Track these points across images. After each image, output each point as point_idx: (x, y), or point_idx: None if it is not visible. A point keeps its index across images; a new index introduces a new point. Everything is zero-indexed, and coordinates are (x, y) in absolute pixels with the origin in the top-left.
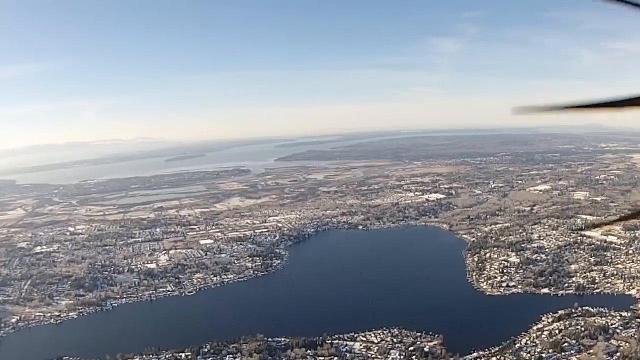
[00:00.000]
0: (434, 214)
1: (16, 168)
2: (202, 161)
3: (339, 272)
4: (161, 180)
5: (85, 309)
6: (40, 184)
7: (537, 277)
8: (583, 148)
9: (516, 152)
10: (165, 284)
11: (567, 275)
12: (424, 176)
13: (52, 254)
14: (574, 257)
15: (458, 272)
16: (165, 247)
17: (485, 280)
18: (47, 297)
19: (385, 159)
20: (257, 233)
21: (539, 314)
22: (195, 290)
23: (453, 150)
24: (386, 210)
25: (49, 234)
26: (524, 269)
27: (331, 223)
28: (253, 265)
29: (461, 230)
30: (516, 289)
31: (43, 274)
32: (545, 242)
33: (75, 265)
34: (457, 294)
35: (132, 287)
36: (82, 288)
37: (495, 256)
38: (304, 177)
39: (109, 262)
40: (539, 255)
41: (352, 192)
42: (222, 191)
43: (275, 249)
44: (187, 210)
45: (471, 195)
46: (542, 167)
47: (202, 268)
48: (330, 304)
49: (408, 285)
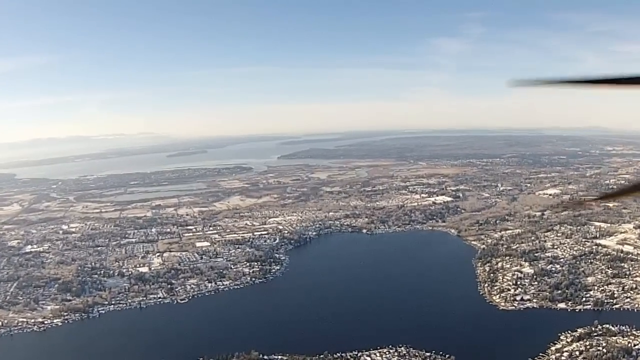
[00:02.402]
0: (441, 218)
1: (17, 162)
2: (204, 158)
3: (341, 281)
4: (161, 177)
5: (71, 316)
6: (39, 179)
7: (553, 291)
8: (589, 151)
9: (522, 153)
10: (157, 290)
11: (584, 289)
12: (430, 177)
13: (41, 254)
14: (590, 268)
15: (469, 283)
16: (160, 249)
17: (498, 293)
18: (33, 302)
19: (390, 158)
20: (256, 236)
21: (557, 332)
22: (187, 297)
23: (458, 151)
24: (391, 213)
25: (41, 232)
26: (538, 280)
27: (334, 226)
28: (251, 271)
29: (470, 236)
30: (531, 303)
31: (30, 275)
32: (560, 252)
33: (64, 267)
34: (469, 308)
35: (122, 292)
36: (70, 292)
37: (508, 266)
38: (306, 176)
39: (99, 265)
40: (554, 266)
41: (355, 193)
42: (223, 189)
43: (275, 253)
44: (186, 209)
45: (479, 199)
46: (550, 170)
47: (197, 273)
48: (332, 317)
49: (416, 297)
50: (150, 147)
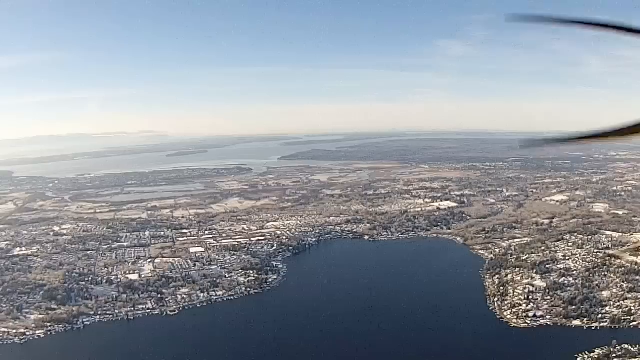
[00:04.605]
0: (446, 225)
1: (15, 159)
2: (203, 157)
3: (341, 294)
4: (159, 177)
5: (54, 327)
6: (36, 177)
7: (567, 306)
8: (593, 156)
9: (525, 157)
10: (146, 299)
11: (599, 304)
12: (433, 181)
13: (29, 258)
14: (604, 281)
15: (478, 298)
16: (152, 254)
17: (509, 309)
18: (16, 310)
19: (392, 160)
20: (253, 241)
21: (573, 353)
22: (178, 309)
23: (461, 154)
24: (394, 218)
25: (32, 234)
26: (551, 295)
27: (334, 232)
28: (246, 280)
29: (477, 245)
30: (544, 320)
31: (16, 281)
32: (572, 263)
33: (51, 272)
34: (480, 326)
35: (109, 302)
36: (55, 300)
37: (518, 278)
38: (307, 178)
39: (87, 271)
40: (567, 279)
41: (357, 197)
42: (221, 191)
43: (272, 261)
44: (182, 210)
45: (485, 205)
46: (555, 175)
47: (189, 282)
48: (330, 336)
49: (422, 313)
50: (150, 146)
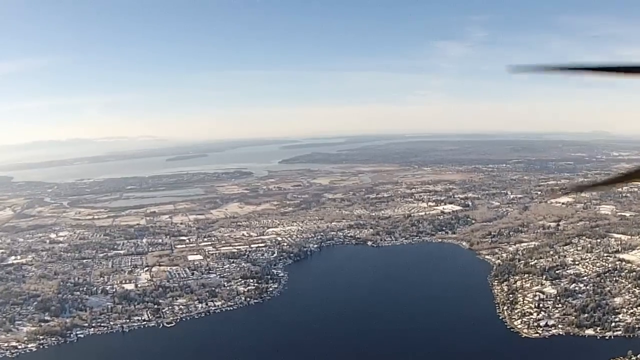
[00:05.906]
0: (450, 229)
1: (15, 164)
2: (203, 161)
3: (344, 304)
4: (159, 182)
5: (47, 340)
6: (35, 182)
7: (580, 314)
8: (596, 156)
9: (528, 159)
10: (142, 310)
11: (612, 312)
12: (436, 184)
13: (24, 267)
14: (616, 287)
15: (487, 306)
16: (149, 262)
17: (520, 318)
18: (8, 322)
19: (393, 163)
20: (253, 248)
21: None
22: (175, 320)
23: (463, 156)
24: (398, 223)
25: (27, 241)
26: (562, 302)
27: (337, 237)
28: (245, 289)
29: (483, 249)
30: (556, 329)
31: (9, 291)
32: (582, 268)
33: (45, 282)
34: (490, 337)
35: (104, 313)
36: (48, 312)
37: (528, 285)
38: (308, 181)
39: (82, 280)
40: (577, 285)
41: (359, 201)
42: (221, 195)
43: (273, 268)
44: (181, 216)
45: (489, 208)
46: (559, 177)
47: (187, 292)
48: (333, 349)
49: (430, 323)
50: (150, 151)
